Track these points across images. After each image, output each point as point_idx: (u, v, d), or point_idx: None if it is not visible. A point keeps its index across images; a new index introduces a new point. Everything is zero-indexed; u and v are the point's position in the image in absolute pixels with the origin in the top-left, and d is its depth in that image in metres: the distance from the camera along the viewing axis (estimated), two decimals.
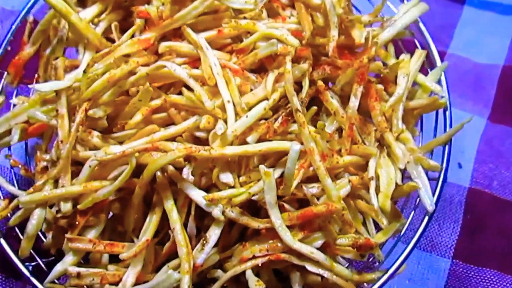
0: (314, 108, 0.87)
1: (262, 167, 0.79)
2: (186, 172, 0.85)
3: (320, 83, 0.90)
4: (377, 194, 0.82)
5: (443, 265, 1.05)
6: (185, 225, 0.85)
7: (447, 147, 0.86)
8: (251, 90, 0.86)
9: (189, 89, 0.84)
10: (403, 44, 0.98)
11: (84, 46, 0.89)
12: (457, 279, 1.03)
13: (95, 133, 0.86)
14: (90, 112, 0.83)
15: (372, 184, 0.81)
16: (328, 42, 0.88)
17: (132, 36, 0.90)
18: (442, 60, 0.91)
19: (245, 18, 0.88)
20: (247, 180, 0.83)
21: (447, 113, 0.87)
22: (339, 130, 0.89)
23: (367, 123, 0.90)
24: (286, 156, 0.84)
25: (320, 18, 0.89)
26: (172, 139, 0.84)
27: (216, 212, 0.80)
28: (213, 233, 0.82)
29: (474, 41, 1.26)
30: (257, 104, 0.83)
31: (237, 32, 0.88)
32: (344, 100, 0.90)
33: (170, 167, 0.83)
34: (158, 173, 0.83)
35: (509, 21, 1.27)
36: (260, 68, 0.91)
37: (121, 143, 0.85)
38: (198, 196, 0.81)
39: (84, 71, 0.82)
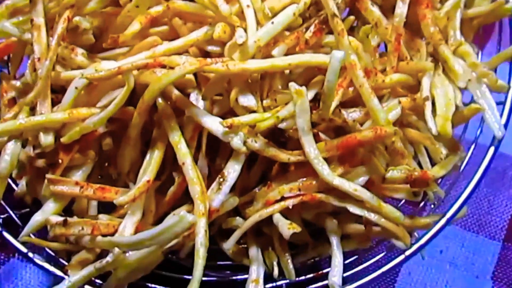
0: (351, 17, 0.80)
1: (292, 85, 0.71)
2: (195, 97, 0.78)
3: None
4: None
5: (492, 249, 0.98)
6: None
7: None
8: None
9: None
10: None
11: None
12: (509, 265, 0.97)
13: (79, 50, 0.78)
14: (76, 19, 0.75)
15: (428, 105, 0.74)
16: None
17: None
18: None
19: None
20: (272, 104, 0.76)
21: None
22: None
23: (415, 38, 0.83)
24: (319, 77, 0.78)
25: None
26: (178, 54, 0.77)
27: (236, 141, 0.72)
28: (232, 169, 0.74)
29: None
30: (284, 10, 0.76)
31: None
32: (385, 12, 0.84)
33: (175, 91, 0.76)
34: (160, 100, 0.76)
35: None
36: None
37: None
38: (213, 122, 0.74)
39: None
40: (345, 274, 0.76)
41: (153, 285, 0.81)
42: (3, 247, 0.94)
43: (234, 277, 0.84)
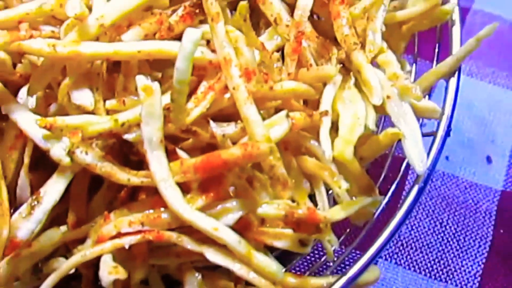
0: (244, 3, 0.64)
1: (140, 79, 0.55)
2: (24, 94, 0.61)
3: None
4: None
5: None
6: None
7: (453, 80, 0.63)
8: None
9: None
10: None
11: None
12: None
13: None
14: None
15: (326, 122, 0.57)
16: None
17: None
18: (464, 21, 0.67)
19: None
20: (120, 108, 0.59)
21: (455, 30, 0.65)
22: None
23: (329, 45, 0.67)
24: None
25: None
26: None
27: (56, 150, 0.55)
28: (52, 189, 0.57)
29: None
30: None
31: None
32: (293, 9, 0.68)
33: None
34: None
35: None
36: None
37: None
38: (30, 122, 0.56)
39: None
40: None
41: None
42: None
43: None
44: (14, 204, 0.60)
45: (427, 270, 0.79)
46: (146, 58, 0.57)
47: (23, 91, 0.61)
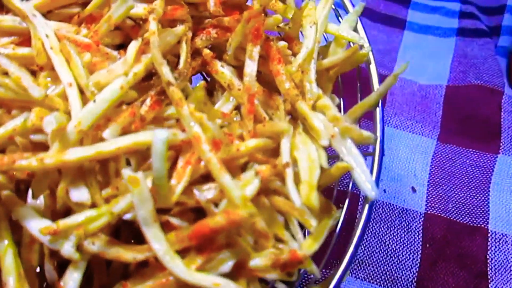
0: (202, 83, 0.48)
1: (126, 173, 0.39)
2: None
3: (206, 51, 0.51)
4: (298, 185, 0.44)
5: None
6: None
7: (378, 110, 0.50)
8: None
9: None
10: None
11: None
12: None
13: None
14: None
15: (289, 173, 0.43)
16: None
17: None
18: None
19: None
20: (113, 193, 0.43)
21: (372, 68, 0.51)
22: (239, 109, 0.51)
23: (274, 95, 0.52)
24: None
25: None
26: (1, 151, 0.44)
27: (66, 249, 0.39)
28: (71, 279, 0.41)
29: (418, 64, 0.90)
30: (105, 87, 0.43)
31: None
32: (241, 71, 0.52)
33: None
34: None
35: (449, 42, 0.93)
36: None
37: None
38: (34, 228, 0.40)
39: None
40: None
41: None
42: None
43: None
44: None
45: (378, 280, 0.66)
46: (126, 152, 0.41)
47: (30, 192, 0.44)
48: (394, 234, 0.69)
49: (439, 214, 0.71)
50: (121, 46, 0.49)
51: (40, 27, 0.44)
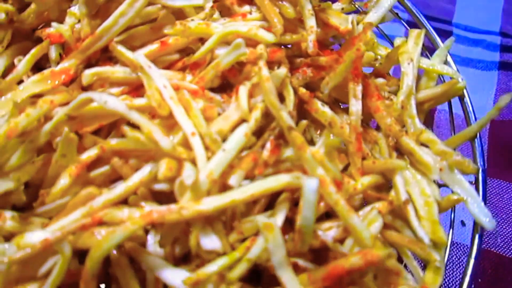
0: (304, 122, 0.49)
1: (260, 220, 0.40)
2: (152, 242, 0.44)
3: (302, 90, 0.52)
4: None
5: None
6: None
7: (477, 140, 0.51)
8: (219, 114, 0.47)
9: (135, 127, 0.44)
10: None
11: None
12: None
13: (8, 214, 0.44)
14: None
15: (411, 211, 0.44)
16: (304, 38, 0.51)
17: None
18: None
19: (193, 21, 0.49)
20: (239, 237, 0.44)
21: (467, 100, 0.52)
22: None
23: (369, 130, 0.53)
24: (284, 194, 0.46)
25: (289, 8, 0.52)
26: (123, 201, 0.44)
27: None
28: None
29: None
30: (234, 131, 0.44)
31: (186, 41, 0.49)
32: (334, 108, 0.53)
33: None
34: (114, 251, 0.42)
35: (491, 76, 0.93)
36: (222, 86, 0.53)
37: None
38: (174, 278, 0.40)
39: None
40: None
41: None
42: None
43: None
44: None
45: None
46: (258, 199, 0.42)
47: (150, 240, 0.45)
48: (447, 268, 0.67)
49: (489, 249, 0.71)
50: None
51: (156, 78, 0.44)
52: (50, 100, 0.43)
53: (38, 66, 0.53)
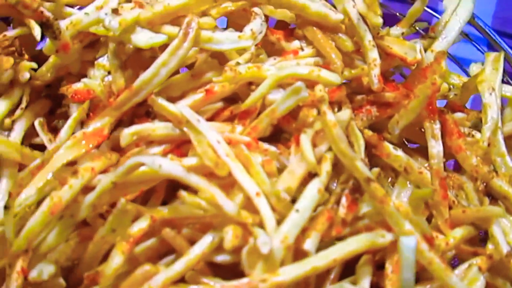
0: (376, 170, 0.59)
1: (345, 286, 0.48)
2: None
3: (368, 133, 0.62)
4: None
5: None
6: None
7: None
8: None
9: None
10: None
11: None
12: None
13: None
14: (33, 275, 0.49)
15: None
16: (365, 72, 0.61)
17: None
18: None
19: (238, 64, 0.60)
20: None
21: None
22: None
23: (450, 173, 0.62)
24: (364, 257, 0.55)
25: (347, 40, 0.62)
26: (180, 279, 0.52)
27: None
28: None
29: None
30: (305, 188, 0.53)
31: (234, 87, 0.59)
32: (406, 150, 0.63)
33: None
34: None
35: None
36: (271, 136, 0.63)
37: None
38: None
39: (6, 207, 0.49)
40: None
41: None
42: None
43: None
44: None
45: None
46: (340, 264, 0.51)
47: None
48: None
49: None
50: None
51: (207, 132, 0.54)
52: (91, 167, 0.53)
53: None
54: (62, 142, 0.53)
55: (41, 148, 0.62)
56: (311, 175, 0.56)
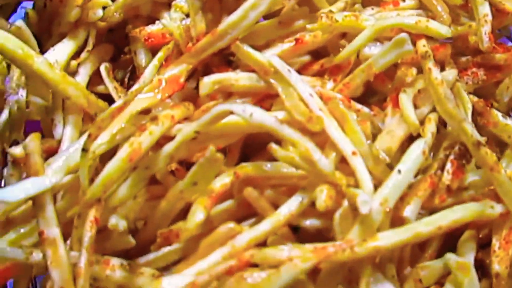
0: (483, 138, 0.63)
1: (453, 258, 0.53)
2: None
3: (474, 98, 0.66)
4: None
5: None
6: None
7: None
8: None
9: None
10: None
11: (63, 111, 0.63)
12: None
13: (115, 261, 0.58)
14: (112, 221, 0.55)
15: None
16: (472, 30, 0.66)
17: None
18: None
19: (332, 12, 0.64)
20: (417, 286, 0.57)
21: None
22: None
23: None
24: (467, 232, 0.59)
25: None
26: (262, 243, 0.58)
27: None
28: None
29: None
30: (408, 150, 0.58)
31: (326, 38, 0.64)
32: None
33: None
34: None
35: None
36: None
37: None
38: None
39: (84, 149, 0.55)
40: None
41: None
42: None
43: None
44: None
45: None
46: (445, 232, 0.55)
47: None
48: None
49: None
50: None
51: (299, 85, 0.59)
52: (171, 115, 0.58)
53: None
54: (146, 84, 0.59)
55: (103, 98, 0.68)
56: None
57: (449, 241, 0.61)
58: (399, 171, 0.56)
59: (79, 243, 0.57)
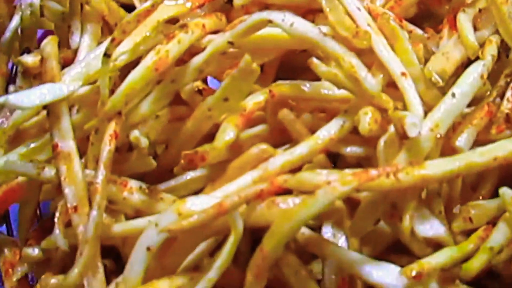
0: None
1: (507, 193, 0.56)
2: (330, 233, 0.61)
3: None
4: None
5: None
6: None
7: None
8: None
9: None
10: None
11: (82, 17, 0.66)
12: None
13: (134, 184, 0.61)
14: (134, 134, 0.58)
15: None
16: None
17: None
18: None
19: None
20: (466, 226, 0.59)
21: None
22: None
23: None
24: None
25: None
26: (297, 168, 0.60)
27: None
28: None
29: None
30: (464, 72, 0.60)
31: None
32: None
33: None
34: None
35: None
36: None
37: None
38: (383, 277, 0.56)
39: (106, 54, 0.57)
40: None
41: None
42: None
43: None
44: None
45: None
46: (502, 164, 0.58)
47: (326, 231, 0.61)
48: None
49: None
50: None
51: None
52: (202, 23, 0.61)
53: None
54: None
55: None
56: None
57: (504, 182, 0.64)
58: (453, 95, 0.58)
59: (95, 161, 0.60)
